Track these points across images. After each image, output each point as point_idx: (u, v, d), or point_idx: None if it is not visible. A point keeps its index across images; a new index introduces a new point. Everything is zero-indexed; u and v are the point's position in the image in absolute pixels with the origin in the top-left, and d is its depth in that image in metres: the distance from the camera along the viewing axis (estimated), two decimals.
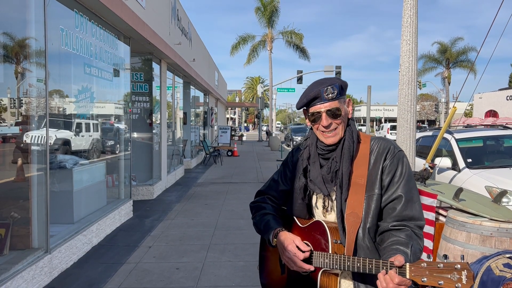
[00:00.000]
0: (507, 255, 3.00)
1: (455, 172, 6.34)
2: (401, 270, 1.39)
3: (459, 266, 1.28)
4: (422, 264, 1.33)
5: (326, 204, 1.76)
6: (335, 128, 1.70)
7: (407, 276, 1.37)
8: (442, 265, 1.29)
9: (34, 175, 4.47)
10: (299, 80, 32.53)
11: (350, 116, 1.77)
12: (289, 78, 33.90)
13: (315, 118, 1.71)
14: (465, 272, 1.27)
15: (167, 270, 4.70)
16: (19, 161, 4.52)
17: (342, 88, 1.71)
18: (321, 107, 1.69)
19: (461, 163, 6.38)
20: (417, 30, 6.07)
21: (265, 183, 2.08)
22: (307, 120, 1.79)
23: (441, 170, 6.60)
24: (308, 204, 1.84)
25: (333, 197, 1.74)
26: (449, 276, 1.28)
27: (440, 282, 1.28)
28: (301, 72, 32.22)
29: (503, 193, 4.16)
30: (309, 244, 1.71)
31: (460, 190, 3.93)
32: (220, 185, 11.01)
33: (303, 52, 36.85)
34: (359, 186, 1.68)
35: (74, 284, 4.33)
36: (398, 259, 1.40)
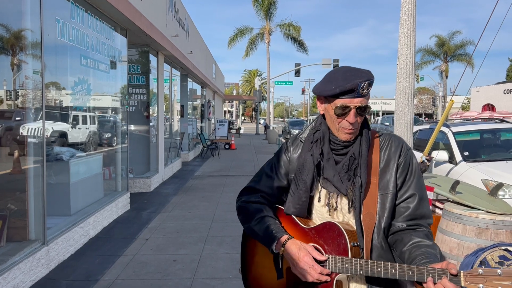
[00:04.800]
0: (503, 247, 3.02)
1: (452, 165, 6.36)
2: (455, 278, 1.29)
3: None
4: (479, 271, 1.27)
5: (335, 203, 1.64)
6: (358, 126, 1.59)
7: (462, 284, 1.29)
8: (501, 271, 1.25)
9: (31, 167, 4.46)
10: (297, 73, 32.49)
11: None
12: (287, 71, 33.96)
13: (342, 112, 1.55)
14: None
15: (164, 262, 4.71)
16: (16, 153, 4.51)
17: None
18: (353, 101, 1.53)
19: (458, 156, 6.40)
20: (415, 22, 6.06)
21: (253, 178, 1.88)
22: (320, 108, 1.65)
23: (438, 163, 6.62)
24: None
25: (347, 197, 1.63)
26: (509, 283, 1.23)
27: None
28: (299, 65, 32.17)
29: (499, 186, 4.18)
30: (319, 248, 1.60)
31: (456, 183, 3.95)
32: (217, 178, 11.02)
33: (301, 45, 36.74)
34: (372, 185, 1.60)
35: (71, 276, 4.34)
36: (452, 266, 1.31)
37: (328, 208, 1.66)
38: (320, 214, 1.70)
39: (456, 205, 3.70)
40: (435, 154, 6.40)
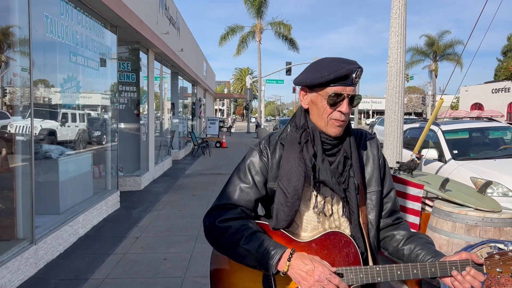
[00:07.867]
0: (491, 244, 3.05)
1: (441, 163, 6.42)
2: (478, 266, 1.35)
3: None
4: (496, 257, 1.36)
5: (331, 209, 1.49)
6: (348, 119, 1.46)
7: (484, 271, 1.35)
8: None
9: (19, 165, 4.40)
10: (288, 71, 32.53)
11: None
12: (278, 70, 33.97)
13: (335, 101, 1.40)
14: None
15: (154, 261, 4.68)
16: (4, 151, 4.44)
17: None
18: (346, 90, 1.40)
19: (447, 154, 6.46)
20: (405, 21, 6.09)
21: (222, 193, 1.56)
22: (305, 100, 1.48)
23: (428, 161, 6.68)
24: None
25: (342, 201, 1.50)
26: None
27: None
28: (290, 63, 32.22)
29: (488, 183, 4.23)
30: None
31: (446, 180, 3.98)
32: (208, 176, 10.99)
33: (292, 43, 36.77)
34: (360, 184, 1.51)
35: (60, 275, 4.29)
36: (474, 256, 1.34)
37: (320, 215, 1.49)
38: (308, 223, 1.51)
39: (446, 202, 3.73)
40: (425, 152, 6.45)
